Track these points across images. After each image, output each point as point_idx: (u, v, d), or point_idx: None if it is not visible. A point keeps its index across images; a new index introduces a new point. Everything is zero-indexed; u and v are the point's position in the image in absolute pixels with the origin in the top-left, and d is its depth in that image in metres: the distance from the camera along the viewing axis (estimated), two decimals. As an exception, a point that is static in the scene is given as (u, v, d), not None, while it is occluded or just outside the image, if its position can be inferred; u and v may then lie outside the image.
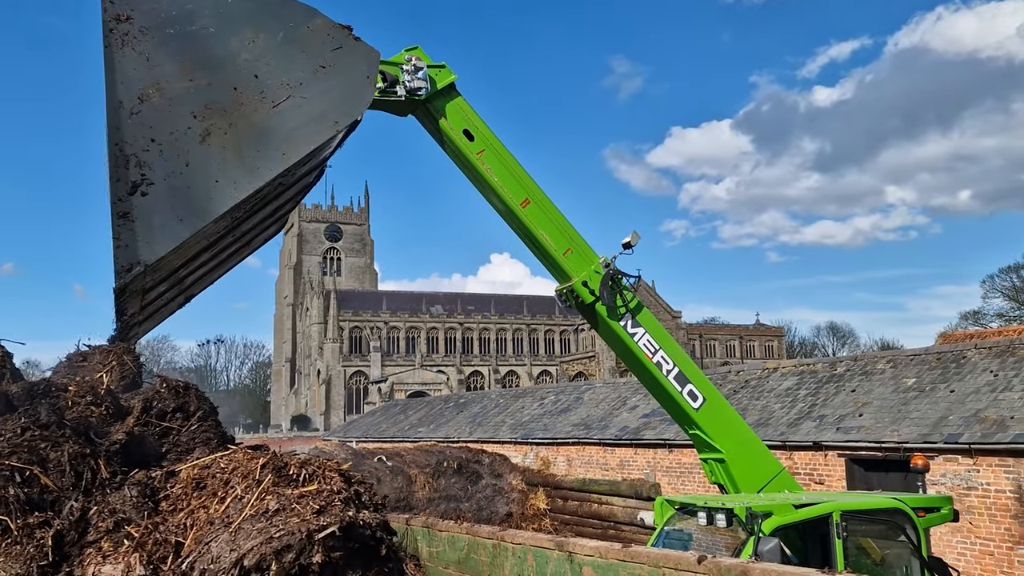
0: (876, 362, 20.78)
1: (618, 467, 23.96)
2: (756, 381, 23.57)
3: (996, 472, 14.90)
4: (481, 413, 35.12)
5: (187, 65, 5.76)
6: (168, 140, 5.49)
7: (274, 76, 6.08)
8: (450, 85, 8.75)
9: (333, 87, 6.34)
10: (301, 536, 3.52)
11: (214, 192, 5.58)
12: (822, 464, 18.10)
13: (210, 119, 5.71)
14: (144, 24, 5.62)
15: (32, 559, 3.96)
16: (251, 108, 5.92)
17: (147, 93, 5.51)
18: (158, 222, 5.27)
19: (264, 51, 6.11)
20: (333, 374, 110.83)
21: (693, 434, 10.03)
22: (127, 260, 5.15)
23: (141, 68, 5.55)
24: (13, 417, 4.53)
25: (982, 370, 17.41)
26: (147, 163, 5.35)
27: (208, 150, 5.65)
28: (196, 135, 5.63)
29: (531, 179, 9.20)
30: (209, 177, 5.58)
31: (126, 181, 5.25)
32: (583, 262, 9.29)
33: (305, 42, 6.33)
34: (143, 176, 5.30)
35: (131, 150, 5.33)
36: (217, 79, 5.87)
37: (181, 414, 5.27)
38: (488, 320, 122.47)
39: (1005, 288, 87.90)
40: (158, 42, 5.66)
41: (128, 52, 5.51)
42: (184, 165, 5.51)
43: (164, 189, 5.36)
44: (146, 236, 5.21)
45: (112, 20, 5.51)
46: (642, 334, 9.48)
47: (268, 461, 4.17)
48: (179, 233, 5.37)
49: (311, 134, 6.12)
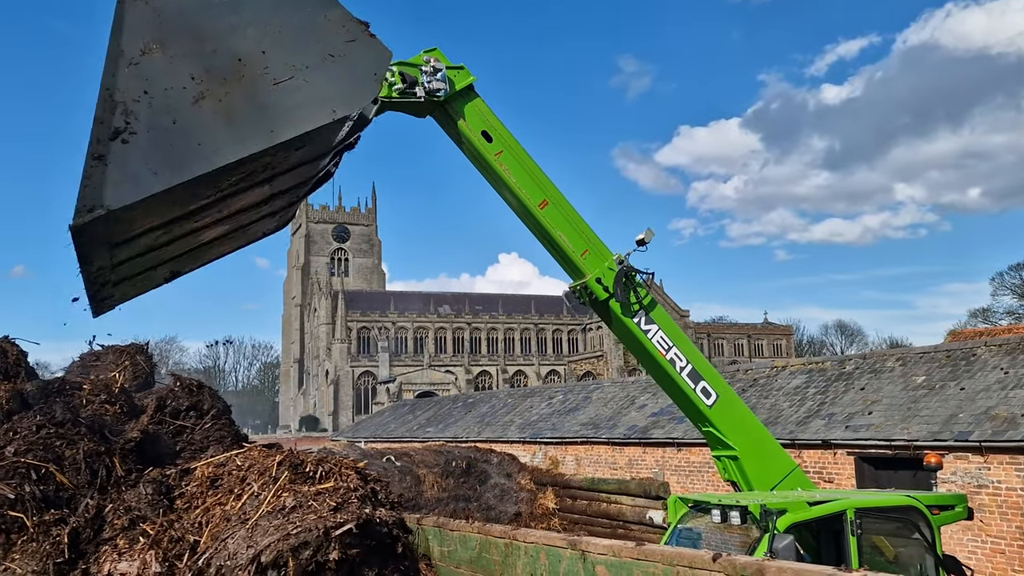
0: (885, 360, 20.70)
1: (627, 466, 23.93)
2: (765, 380, 23.51)
3: (1007, 470, 14.83)
4: (489, 413, 35.11)
5: (197, 28, 5.75)
6: (160, 95, 5.43)
7: (281, 55, 6.01)
8: (468, 86, 8.78)
9: (339, 77, 6.26)
10: (318, 533, 3.52)
11: (195, 153, 5.47)
12: (831, 462, 18.04)
13: (207, 84, 5.64)
14: None
15: (48, 556, 3.98)
16: (251, 81, 5.85)
17: (150, 47, 5.49)
18: (131, 170, 5.15)
19: (277, 30, 6.09)
20: (341, 374, 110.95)
21: (706, 431, 10.01)
22: (90, 200, 5.01)
23: (150, 22, 5.54)
24: (29, 415, 4.55)
25: (992, 368, 17.33)
26: (134, 113, 5.27)
27: (198, 112, 5.57)
28: (190, 96, 5.56)
29: (549, 180, 9.22)
30: (193, 138, 5.49)
31: (109, 125, 5.17)
32: (597, 259, 9.29)
33: (319, 29, 6.30)
34: (127, 124, 5.22)
35: (121, 97, 5.27)
36: (223, 47, 5.83)
37: (195, 412, 5.28)
38: (496, 320, 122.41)
39: (1015, 285, 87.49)
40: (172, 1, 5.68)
41: (140, 5, 5.52)
42: (171, 122, 5.42)
43: (145, 140, 5.27)
44: (115, 181, 5.08)
45: None
46: (655, 331, 9.47)
47: (285, 459, 4.18)
48: (150, 185, 5.22)
49: (306, 117, 6.00)
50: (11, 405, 4.73)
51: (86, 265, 6.03)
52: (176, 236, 6.64)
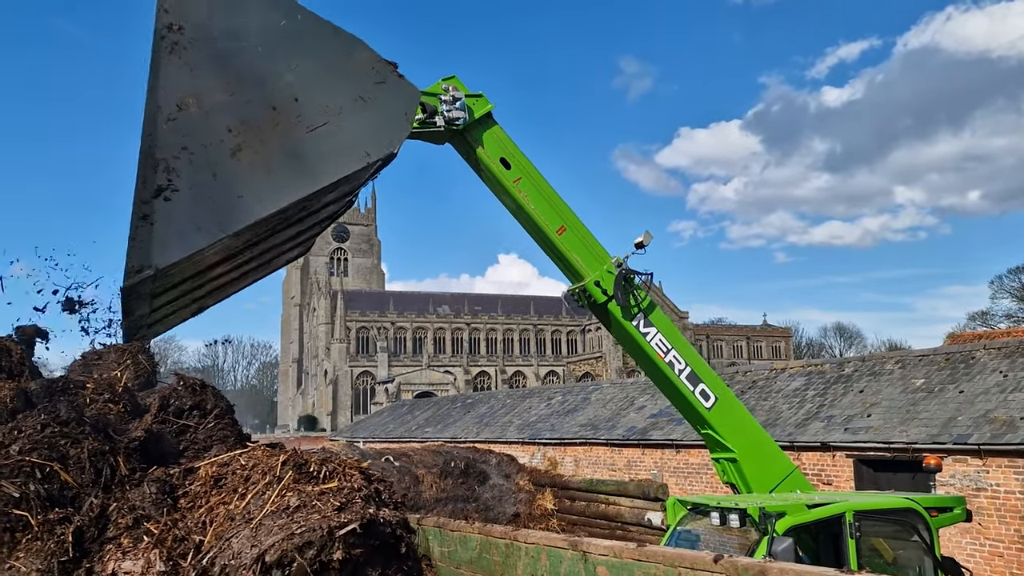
0: (884, 362, 20.74)
1: (625, 467, 23.96)
2: (764, 382, 23.55)
3: (1006, 473, 14.87)
4: (488, 413, 35.14)
5: (230, 79, 5.82)
6: (199, 150, 5.53)
7: (313, 101, 6.13)
8: (487, 114, 8.83)
9: (370, 119, 6.39)
10: (322, 533, 3.54)
11: (237, 206, 5.60)
12: (830, 465, 18.08)
13: (244, 135, 5.75)
14: (194, 35, 5.69)
15: (52, 555, 3.99)
16: (286, 129, 5.96)
17: (186, 102, 5.56)
18: (176, 228, 5.29)
19: (307, 76, 6.17)
20: (340, 374, 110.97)
21: (705, 434, 10.03)
22: (139, 261, 5.18)
23: (185, 77, 5.61)
24: (33, 414, 4.56)
25: (991, 371, 17.37)
26: (175, 169, 5.38)
27: (237, 164, 5.68)
28: (228, 148, 5.68)
29: (565, 204, 9.29)
30: (234, 191, 5.61)
31: (152, 184, 5.28)
32: (596, 262, 9.32)
33: (349, 72, 6.40)
34: (169, 181, 5.33)
35: (162, 155, 5.37)
36: (257, 97, 5.92)
37: (198, 412, 5.30)
38: (495, 320, 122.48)
39: (1014, 289, 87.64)
40: (205, 54, 5.73)
41: (175, 60, 5.58)
42: (211, 176, 5.55)
43: (188, 197, 5.39)
44: (162, 240, 5.23)
45: (164, 28, 5.58)
46: (654, 333, 9.50)
47: (289, 458, 4.20)
48: (195, 242, 5.39)
49: (342, 162, 6.17)
50: (15, 404, 4.75)
51: (128, 316, 6.16)
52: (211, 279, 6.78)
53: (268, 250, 7.35)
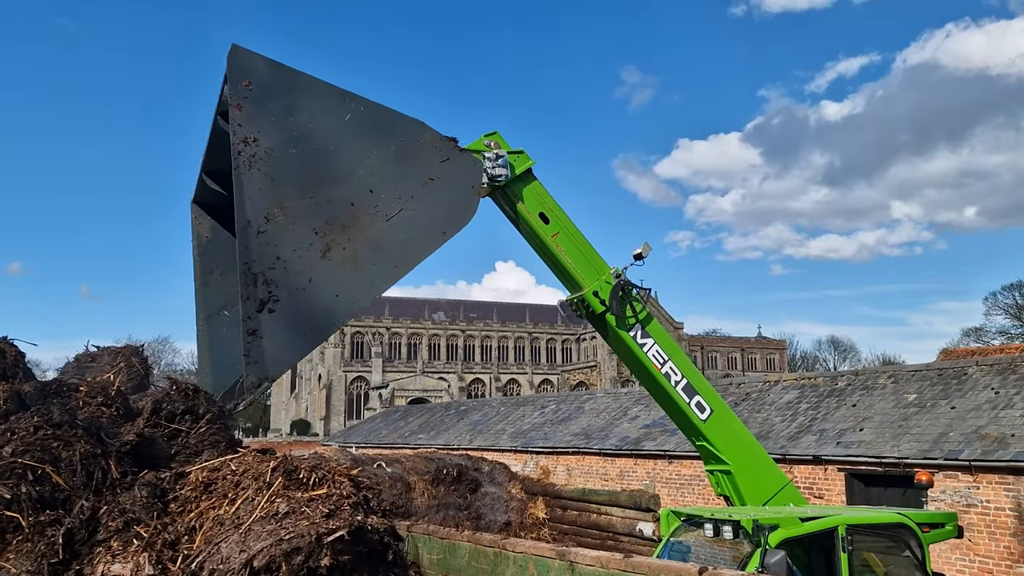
0: (877, 377, 20.80)
1: (618, 477, 23.97)
2: (757, 394, 23.59)
3: (996, 489, 14.91)
4: (482, 421, 35.13)
5: (308, 183, 6.10)
6: (292, 257, 5.81)
7: (387, 190, 6.43)
8: (528, 170, 8.96)
9: (441, 199, 6.76)
10: (310, 539, 3.57)
11: (334, 305, 5.94)
12: (822, 478, 18.11)
13: (330, 235, 6.04)
14: (269, 145, 5.94)
15: (43, 556, 4.02)
16: (367, 222, 6.26)
17: (272, 213, 5.83)
18: (282, 338, 5.58)
19: (378, 166, 6.46)
20: (334, 379, 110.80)
21: (700, 445, 10.06)
22: (257, 376, 5.45)
23: (266, 188, 5.87)
24: (26, 416, 4.60)
25: (983, 387, 17.43)
26: (273, 280, 5.65)
27: (329, 265, 5.97)
28: (318, 250, 5.96)
29: (601, 258, 9.47)
30: (330, 291, 5.92)
31: (255, 299, 5.54)
32: (594, 272, 9.39)
33: (415, 155, 6.72)
34: (270, 294, 5.60)
35: (258, 268, 5.62)
36: (335, 195, 6.20)
37: (190, 416, 5.34)
38: (490, 328, 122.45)
39: (1008, 306, 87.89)
40: (282, 162, 5.98)
41: (255, 173, 5.82)
42: (307, 281, 5.84)
43: (289, 305, 5.67)
44: (273, 353, 5.49)
45: (240, 143, 5.82)
46: (651, 345, 9.54)
47: (279, 464, 4.23)
48: (303, 347, 5.85)
49: (422, 245, 6.54)
50: (8, 405, 4.78)
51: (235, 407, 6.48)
52: None
53: None
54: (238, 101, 5.89)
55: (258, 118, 5.95)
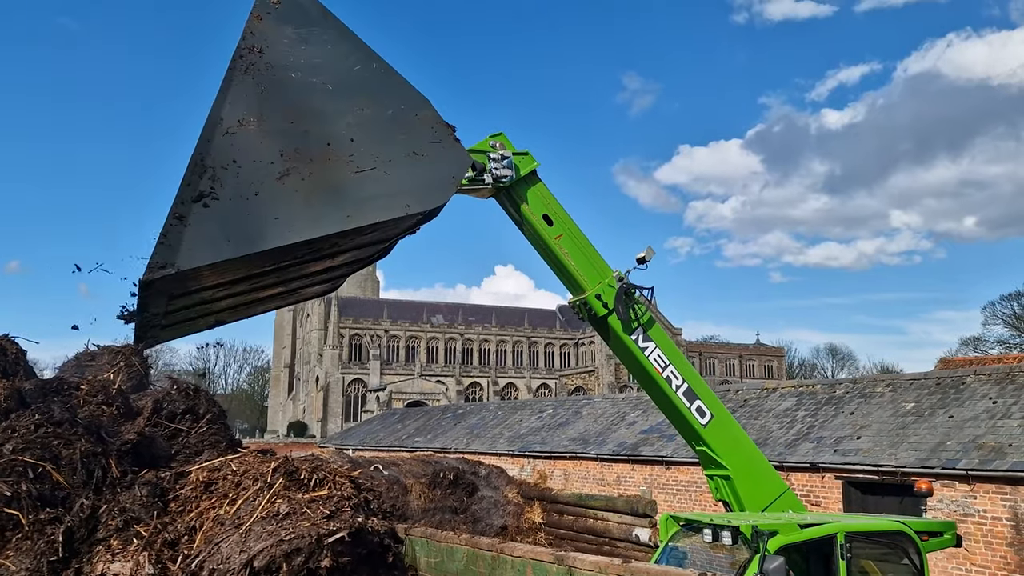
0: (875, 385, 20.81)
1: (615, 483, 23.96)
2: (755, 401, 23.59)
3: (993, 499, 14.92)
4: (479, 424, 35.10)
5: (293, 109, 6.04)
6: (248, 165, 5.70)
7: (368, 146, 6.33)
8: (532, 171, 8.97)
9: (418, 175, 6.61)
10: (311, 540, 3.57)
11: (270, 227, 5.75)
12: (819, 486, 18.11)
13: (294, 162, 5.94)
14: (271, 61, 5.93)
15: (42, 554, 4.02)
16: (335, 165, 6.15)
17: (247, 120, 5.76)
18: (206, 234, 5.42)
19: (368, 121, 6.39)
20: (332, 381, 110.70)
21: (700, 450, 10.07)
22: (163, 257, 5.27)
23: (252, 96, 5.82)
24: (27, 414, 4.59)
25: (981, 396, 17.44)
26: (220, 179, 5.54)
27: (280, 188, 5.85)
28: (275, 171, 5.85)
29: (603, 260, 9.47)
30: (271, 212, 5.76)
31: (195, 188, 5.43)
32: (597, 275, 9.41)
33: (408, 126, 6.63)
34: (212, 189, 5.49)
35: (211, 163, 5.53)
36: (315, 129, 6.13)
37: (190, 416, 5.34)
38: (489, 331, 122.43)
39: (1006, 315, 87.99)
40: (277, 80, 5.96)
41: (247, 80, 5.80)
42: (253, 193, 5.70)
43: (226, 207, 5.54)
44: (190, 243, 5.34)
45: (246, 48, 5.82)
46: (653, 349, 9.56)
47: (280, 465, 4.23)
48: (221, 252, 5.52)
49: (381, 207, 6.35)
50: (9, 403, 4.78)
51: (142, 311, 6.30)
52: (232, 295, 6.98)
53: (294, 279, 7.57)
54: (261, 13, 5.93)
55: (273, 34, 5.97)
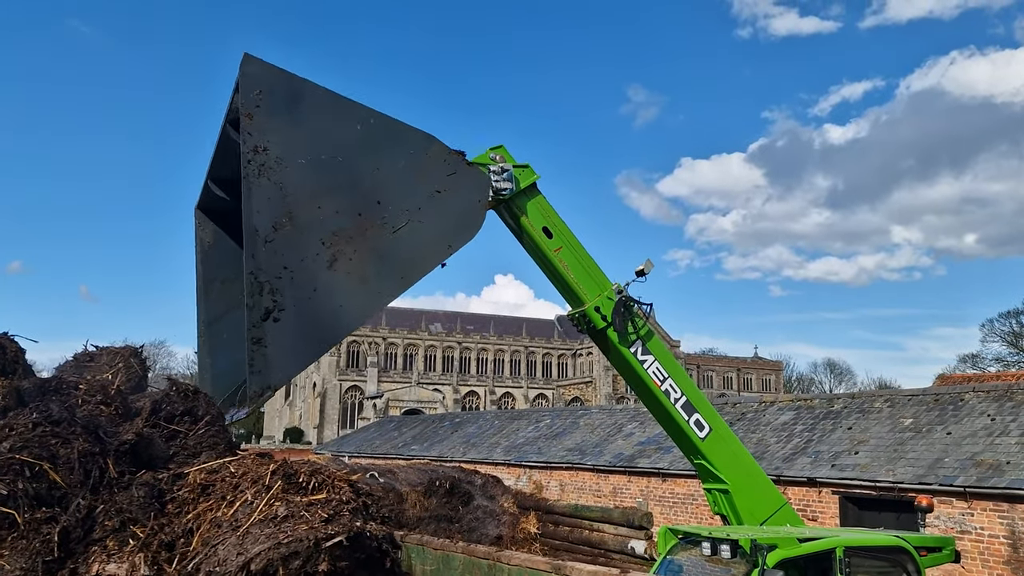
0: (874, 401, 20.79)
1: (611, 494, 23.89)
2: (753, 414, 23.56)
3: (990, 517, 14.88)
4: (476, 433, 35.03)
5: (317, 193, 6.16)
6: (298, 267, 5.86)
7: (395, 202, 6.51)
8: (532, 184, 9.00)
9: (448, 212, 6.86)
10: (309, 544, 3.55)
11: (338, 316, 5.99)
12: (816, 500, 18.06)
13: (336, 245, 6.10)
14: (279, 154, 6.00)
15: (38, 554, 3.99)
16: (373, 233, 6.33)
17: (280, 222, 5.89)
18: (288, 347, 5.62)
19: (386, 178, 6.55)
20: (329, 387, 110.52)
21: (698, 464, 10.05)
22: (260, 385, 5.50)
23: (275, 197, 5.93)
24: (25, 412, 4.58)
25: (979, 413, 17.43)
26: (279, 290, 5.69)
27: (334, 275, 6.03)
28: (324, 261, 6.02)
29: (603, 273, 9.47)
30: (334, 302, 5.96)
31: (259, 308, 5.58)
32: (596, 287, 9.41)
33: (423, 168, 6.81)
34: (275, 303, 5.64)
35: (264, 277, 5.67)
36: (343, 207, 6.28)
37: (189, 418, 5.33)
38: (487, 340, 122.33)
39: (1004, 333, 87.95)
40: (291, 172, 6.05)
41: (264, 182, 5.88)
42: (312, 291, 5.88)
43: (294, 315, 5.70)
44: (276, 362, 5.53)
45: (251, 151, 5.89)
46: (652, 361, 9.55)
47: (278, 468, 4.22)
48: (307, 357, 5.89)
49: (427, 257, 6.64)
50: (7, 401, 4.77)
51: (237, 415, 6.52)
52: None
53: None
54: (249, 110, 5.95)
55: (269, 127, 6.01)
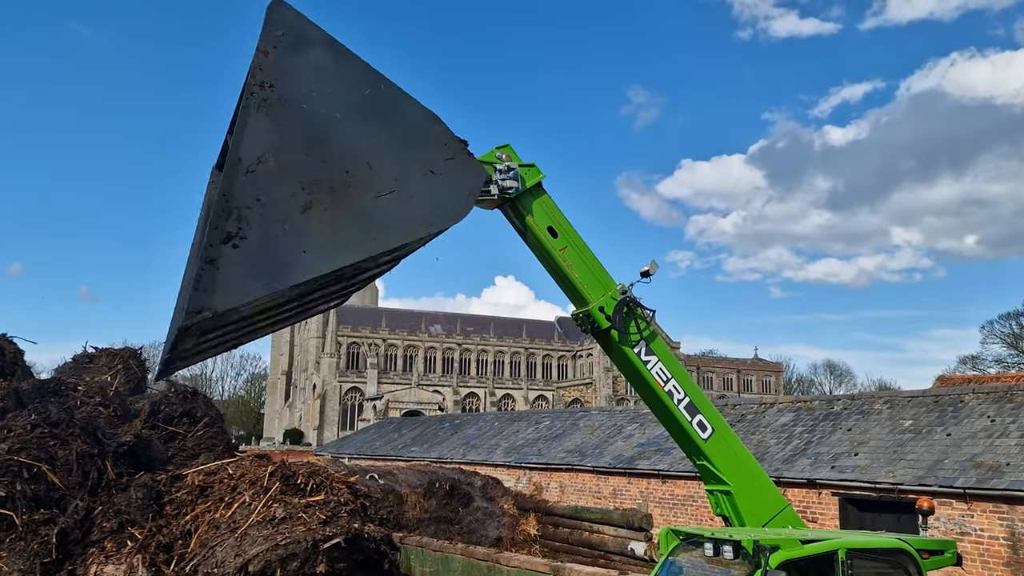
0: (873, 402, 20.78)
1: (611, 495, 23.88)
2: (753, 416, 23.55)
3: (990, 518, 14.87)
4: (476, 435, 35.01)
5: (310, 140, 6.15)
6: (272, 202, 5.81)
7: (386, 170, 6.49)
8: (538, 183, 9.01)
9: (437, 194, 6.80)
10: (306, 545, 3.54)
11: (300, 260, 5.88)
12: (816, 502, 18.05)
13: (316, 193, 6.06)
14: (283, 95, 6.02)
15: (36, 556, 3.97)
16: (355, 192, 6.29)
17: (266, 157, 5.86)
18: (239, 275, 5.52)
19: (383, 145, 6.55)
20: (329, 389, 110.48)
21: (700, 465, 10.04)
22: (200, 303, 5.38)
23: (268, 133, 5.92)
24: (24, 413, 4.56)
25: (979, 415, 17.42)
26: (247, 219, 5.63)
27: (306, 220, 5.97)
28: (299, 204, 5.96)
29: (605, 271, 9.46)
30: (299, 245, 5.88)
31: (223, 230, 5.52)
32: (600, 288, 9.41)
33: (423, 145, 6.81)
34: (239, 229, 5.58)
35: (235, 203, 5.62)
36: (333, 159, 6.26)
37: (188, 419, 5.32)
38: (487, 342, 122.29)
39: (1004, 334, 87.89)
40: (291, 114, 6.06)
41: (261, 117, 5.89)
42: (281, 229, 5.82)
43: (255, 246, 5.64)
44: (224, 285, 5.44)
45: (256, 85, 5.91)
46: (655, 362, 9.54)
47: (276, 469, 4.21)
48: (255, 290, 5.63)
49: (405, 229, 6.55)
50: (6, 403, 4.75)
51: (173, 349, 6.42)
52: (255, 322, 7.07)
53: (311, 300, 7.70)
54: (267, 48, 6.01)
55: (281, 67, 6.05)
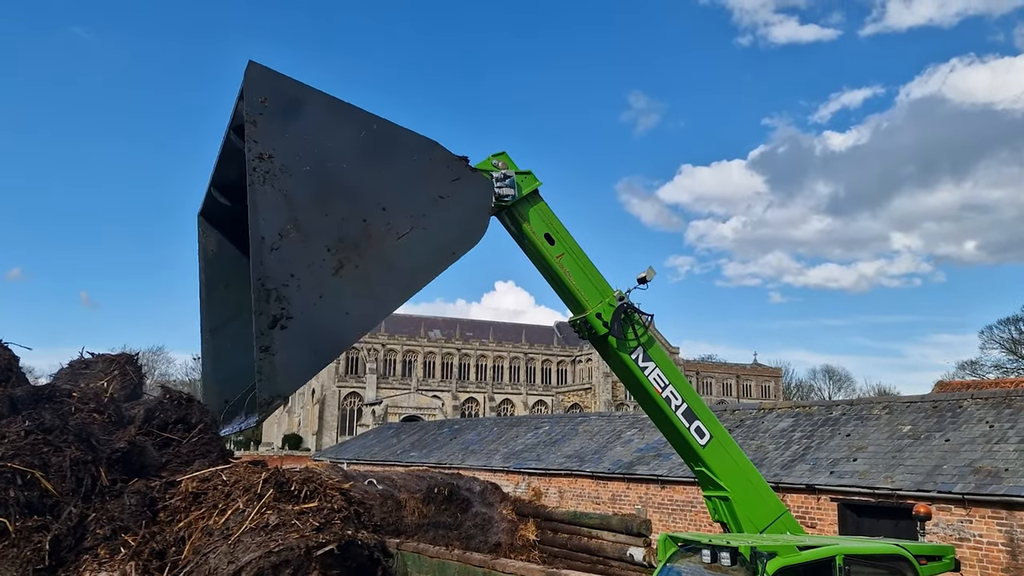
0: (872, 407, 20.76)
1: (610, 501, 23.84)
2: (752, 421, 23.52)
3: (989, 524, 14.85)
4: (475, 440, 34.98)
5: (322, 200, 6.21)
6: (305, 274, 5.89)
7: (399, 208, 6.57)
8: (534, 191, 9.01)
9: (452, 218, 6.91)
10: (299, 552, 3.54)
11: (345, 324, 6.03)
12: (814, 507, 18.03)
13: (342, 252, 6.15)
14: (284, 162, 6.04)
15: (28, 563, 3.98)
16: (379, 240, 6.39)
17: (286, 230, 5.93)
18: (295, 357, 5.63)
19: (390, 183, 6.61)
20: (327, 394, 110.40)
21: (698, 471, 10.03)
22: (268, 392, 5.48)
23: (281, 205, 5.97)
24: (18, 420, 4.56)
25: (978, 420, 17.40)
26: (286, 297, 5.72)
27: (340, 282, 6.07)
28: (330, 268, 6.06)
29: (604, 280, 9.47)
30: (341, 309, 6.00)
31: (267, 315, 5.60)
32: (597, 294, 9.41)
33: (427, 173, 6.89)
34: (282, 310, 5.66)
35: (272, 284, 5.70)
36: (349, 213, 6.32)
37: (182, 426, 5.31)
38: (486, 347, 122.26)
39: (1003, 340, 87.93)
40: (296, 179, 6.09)
41: (269, 190, 5.92)
42: (318, 297, 5.91)
43: (301, 322, 5.73)
44: (284, 371, 5.54)
45: (255, 159, 5.93)
46: (652, 368, 9.54)
47: (270, 476, 4.20)
48: (315, 365, 5.83)
49: (432, 265, 6.70)
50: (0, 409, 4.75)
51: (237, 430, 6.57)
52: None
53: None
54: (254, 117, 6.00)
55: (273, 134, 6.06)
